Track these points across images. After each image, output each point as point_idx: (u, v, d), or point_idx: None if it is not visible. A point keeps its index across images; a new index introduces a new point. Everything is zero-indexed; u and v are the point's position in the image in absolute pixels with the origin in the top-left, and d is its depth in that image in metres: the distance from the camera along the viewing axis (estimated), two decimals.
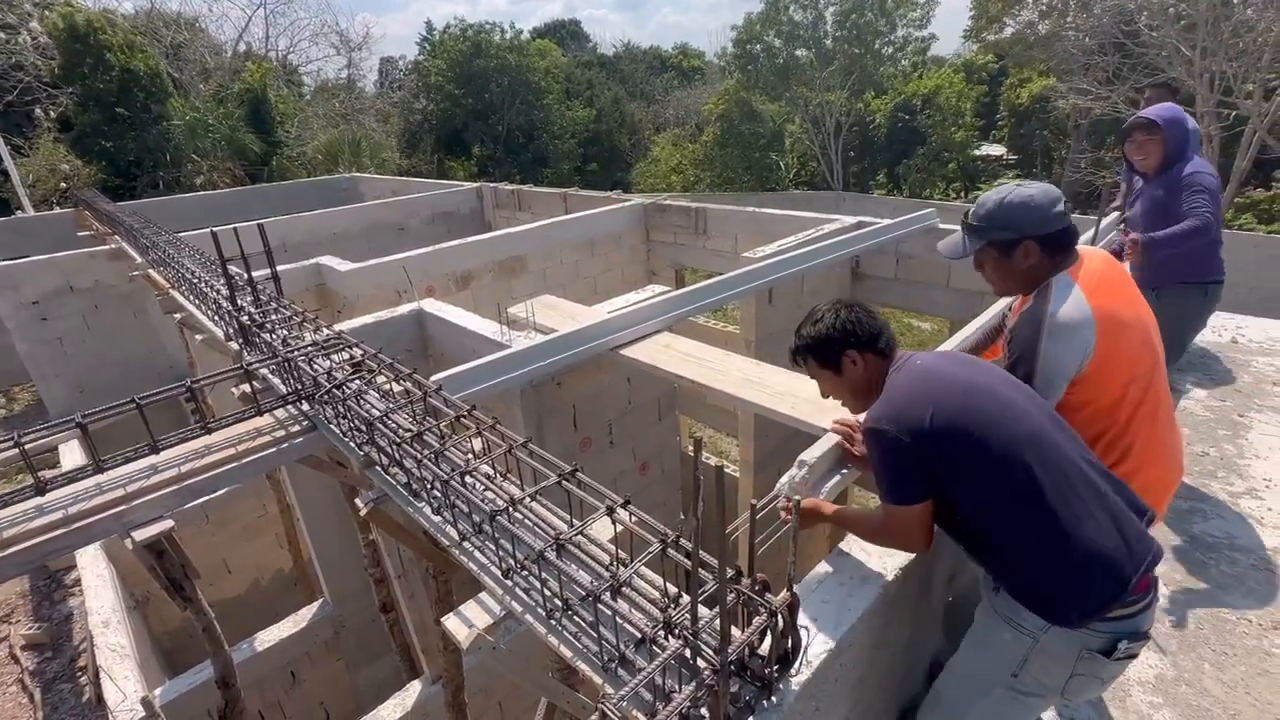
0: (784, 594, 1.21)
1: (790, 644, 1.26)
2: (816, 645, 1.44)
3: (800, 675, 1.33)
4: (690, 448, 1.07)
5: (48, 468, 5.48)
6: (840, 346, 1.56)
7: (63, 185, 14.17)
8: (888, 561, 1.64)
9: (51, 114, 15.60)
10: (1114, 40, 14.16)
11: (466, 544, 1.69)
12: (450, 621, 1.59)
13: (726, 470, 6.36)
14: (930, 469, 1.35)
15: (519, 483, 1.73)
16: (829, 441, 1.89)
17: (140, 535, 1.96)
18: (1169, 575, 2.62)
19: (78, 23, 14.79)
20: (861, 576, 1.65)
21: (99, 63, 14.90)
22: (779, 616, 1.20)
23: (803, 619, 1.25)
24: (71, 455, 5.60)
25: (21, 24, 16.31)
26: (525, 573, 1.53)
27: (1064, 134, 20.38)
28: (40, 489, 1.99)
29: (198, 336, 4.07)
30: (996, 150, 24.87)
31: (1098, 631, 1.29)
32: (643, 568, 1.39)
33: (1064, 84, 15.94)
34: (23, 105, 15.55)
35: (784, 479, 1.78)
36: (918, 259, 5.62)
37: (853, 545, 1.75)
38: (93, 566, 4.33)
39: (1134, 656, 1.32)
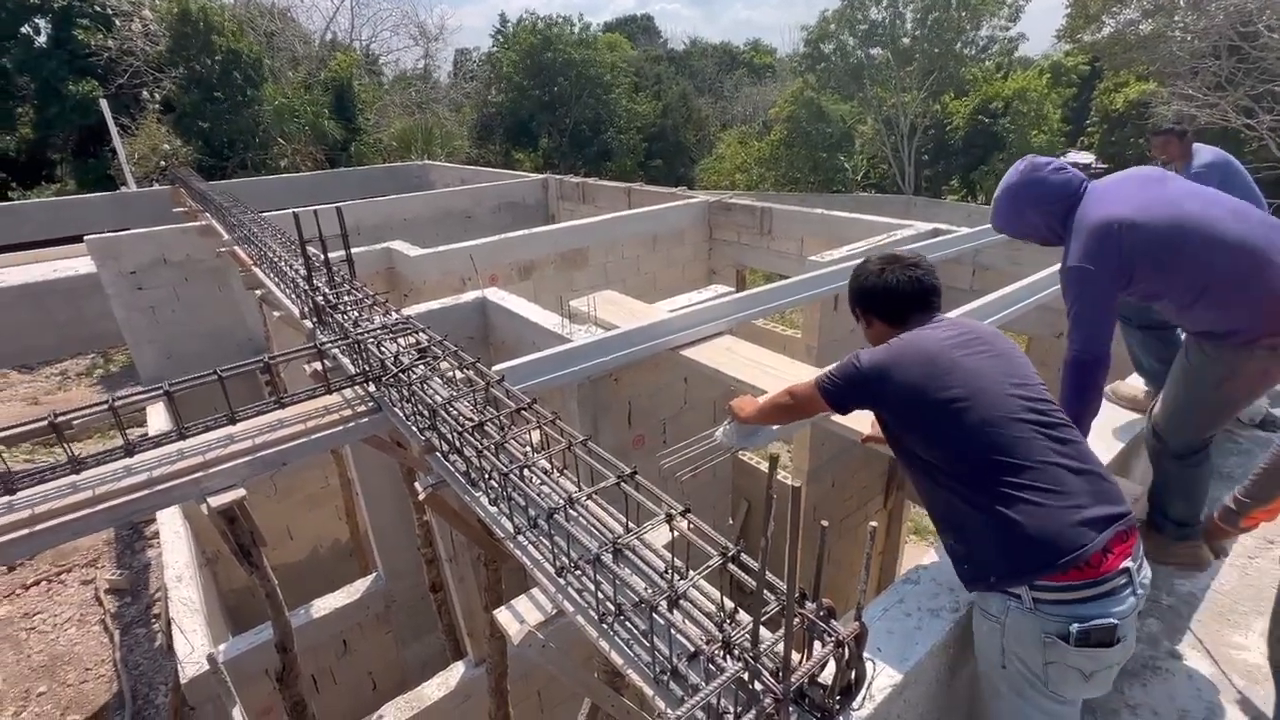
0: (853, 624, 1.14)
1: (854, 675, 1.19)
2: (880, 679, 1.36)
3: (862, 710, 1.26)
4: (763, 462, 1.01)
5: (136, 425, 5.88)
6: (855, 304, 1.85)
7: (163, 164, 15.18)
8: (960, 596, 1.53)
9: (156, 96, 16.74)
10: (1229, 43, 13.06)
11: (521, 538, 1.68)
12: (502, 615, 1.58)
13: (782, 479, 6.23)
14: (876, 410, 1.68)
15: (575, 480, 1.71)
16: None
17: (215, 501, 2.05)
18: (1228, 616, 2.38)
19: (190, 7, 15.83)
20: (931, 609, 1.56)
21: (205, 45, 15.89)
22: (845, 647, 1.13)
23: (866, 649, 1.18)
24: (157, 417, 5.98)
25: (135, 10, 17.53)
26: (579, 573, 1.51)
27: None
28: (129, 450, 2.11)
29: (275, 313, 4.25)
30: (1085, 157, 23.37)
31: (1049, 615, 1.34)
32: (699, 579, 1.34)
33: (1167, 89, 14.82)
34: (131, 88, 16.75)
35: (720, 429, 2.24)
36: (996, 271, 5.33)
37: (922, 575, 1.66)
38: (170, 523, 4.62)
39: (1103, 645, 1.32)
